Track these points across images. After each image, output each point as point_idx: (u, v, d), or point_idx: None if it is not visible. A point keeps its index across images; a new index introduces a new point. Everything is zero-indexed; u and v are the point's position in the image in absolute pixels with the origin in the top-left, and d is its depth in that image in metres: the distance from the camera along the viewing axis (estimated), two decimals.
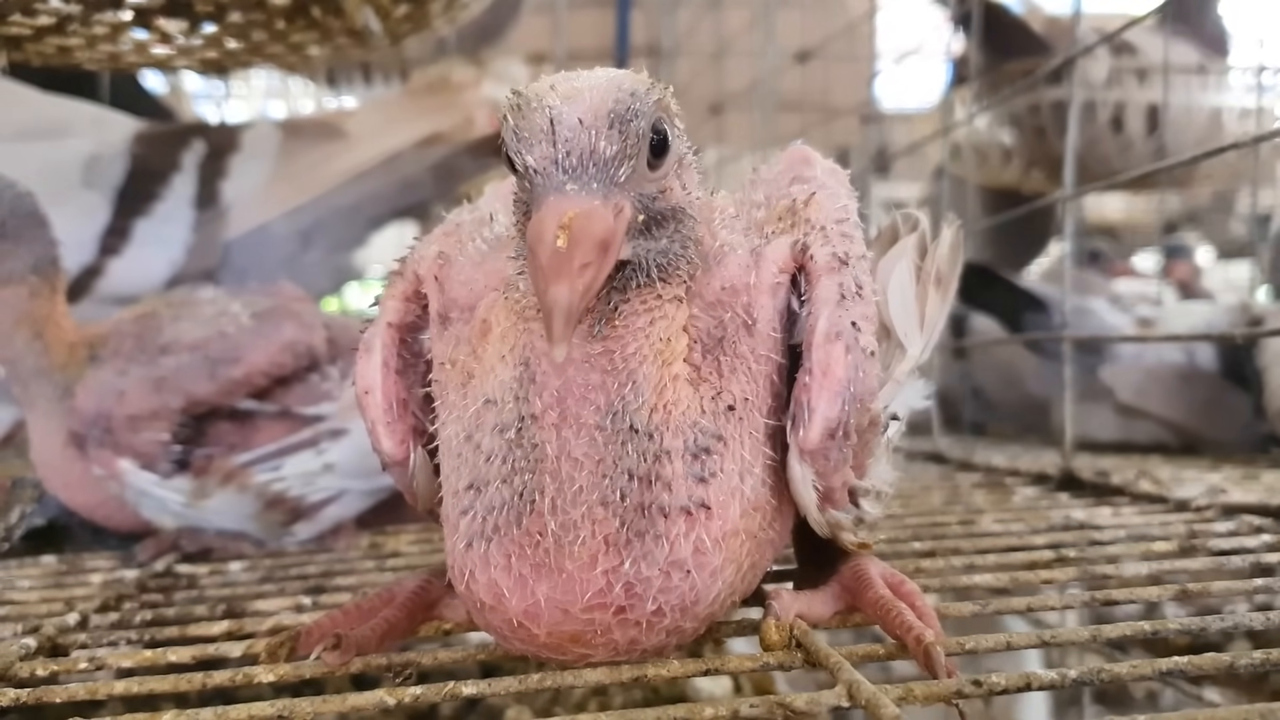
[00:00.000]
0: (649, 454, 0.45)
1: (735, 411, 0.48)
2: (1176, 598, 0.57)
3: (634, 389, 0.45)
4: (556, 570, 0.45)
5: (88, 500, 0.85)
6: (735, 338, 0.49)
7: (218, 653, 0.55)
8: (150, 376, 0.82)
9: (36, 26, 0.89)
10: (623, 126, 0.43)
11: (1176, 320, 1.46)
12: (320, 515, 0.84)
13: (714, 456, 0.46)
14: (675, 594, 0.45)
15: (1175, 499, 0.84)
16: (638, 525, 0.45)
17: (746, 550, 0.48)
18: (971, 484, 1.03)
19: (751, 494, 0.47)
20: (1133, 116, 1.70)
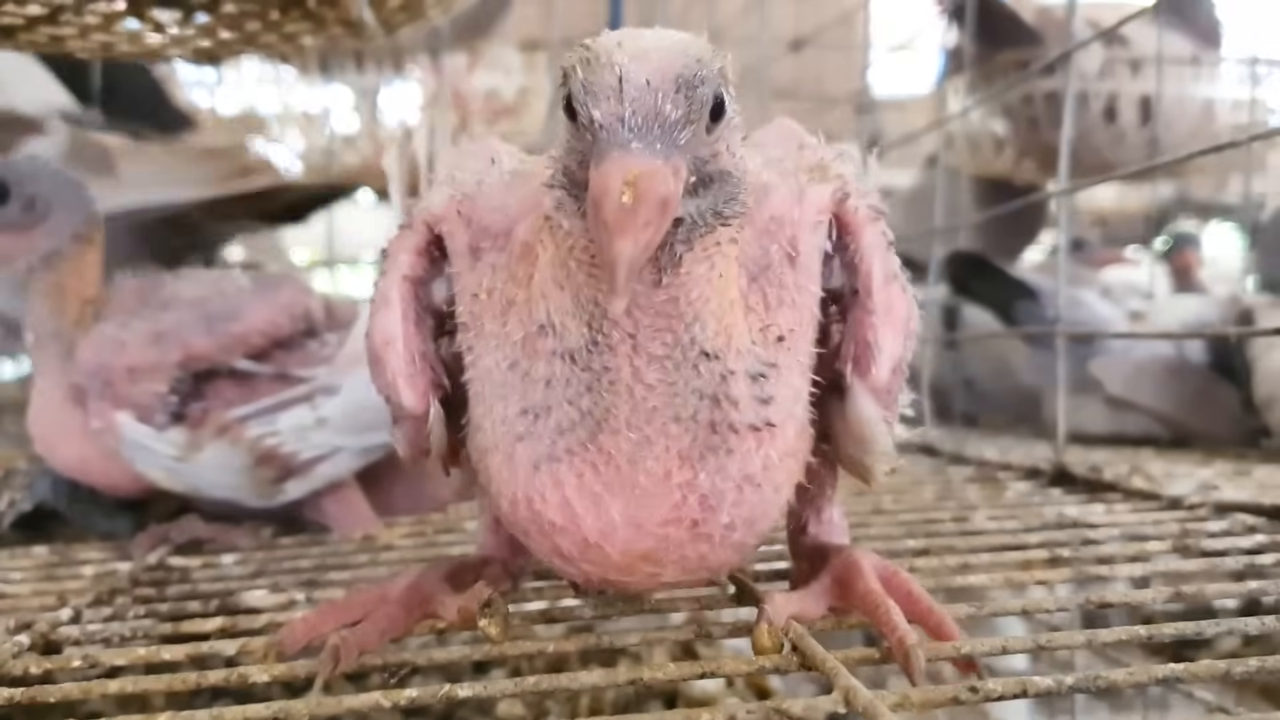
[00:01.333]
0: (718, 374, 0.47)
1: (784, 342, 0.50)
2: (1171, 600, 0.57)
3: (701, 326, 0.47)
4: (631, 487, 0.47)
5: (82, 456, 0.86)
6: (781, 268, 0.51)
7: (211, 650, 0.55)
8: (150, 330, 0.83)
9: (29, 16, 0.88)
10: (689, 91, 0.43)
11: (1167, 313, 1.46)
12: (312, 473, 0.84)
13: (770, 381, 0.48)
14: (745, 507, 0.48)
15: (1168, 496, 0.84)
16: (710, 441, 0.47)
17: (799, 471, 0.50)
18: (964, 478, 1.03)
19: (800, 419, 0.50)
20: (1125, 107, 1.70)
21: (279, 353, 0.86)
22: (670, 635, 0.56)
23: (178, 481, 0.84)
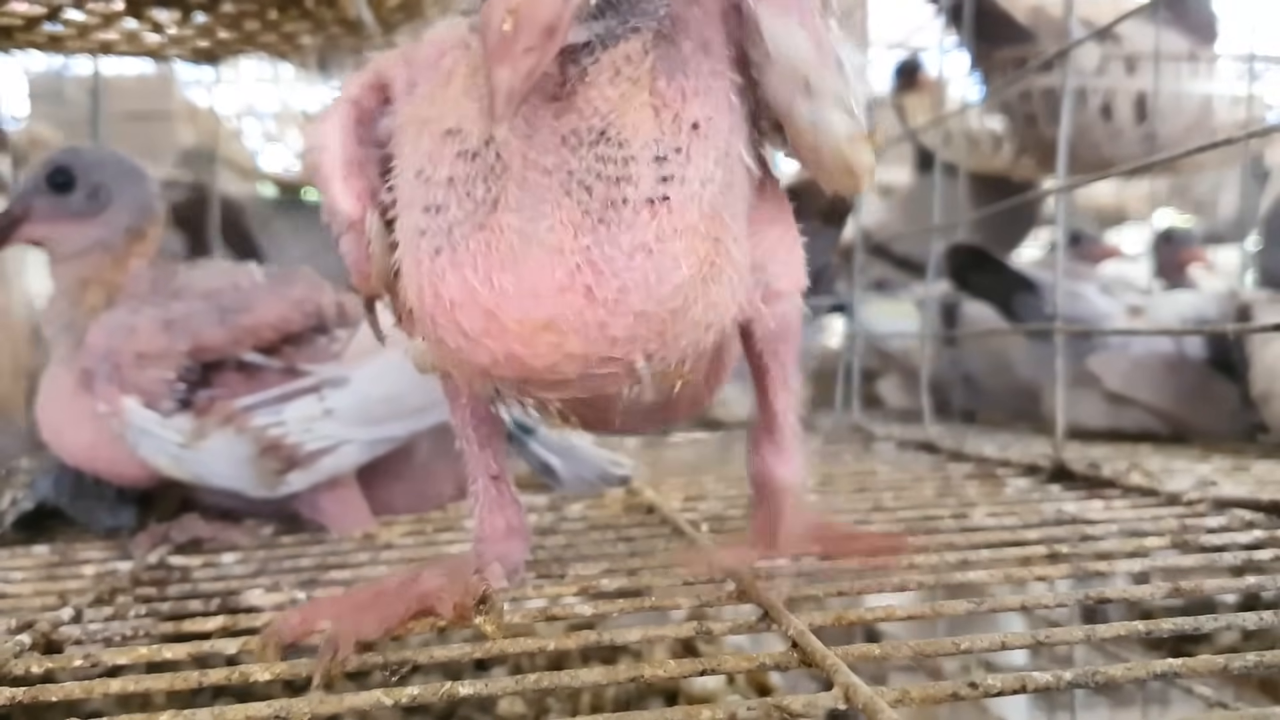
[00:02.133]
0: (616, 159, 0.48)
1: (699, 129, 0.50)
2: (1169, 596, 0.57)
3: (600, 116, 0.48)
4: (525, 258, 0.47)
5: (86, 441, 0.86)
6: (695, 60, 0.51)
7: (213, 649, 0.55)
8: (161, 317, 0.84)
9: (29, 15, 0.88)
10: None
11: (1165, 309, 1.46)
12: (316, 465, 0.84)
13: (673, 163, 0.49)
14: (638, 272, 0.47)
15: (1166, 492, 0.84)
16: (603, 214, 0.48)
17: (708, 252, 0.49)
18: (963, 475, 1.03)
19: (710, 202, 0.49)
20: (1122, 104, 1.70)
21: (289, 348, 0.86)
22: (670, 633, 0.56)
23: (181, 469, 0.84)
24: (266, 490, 0.85)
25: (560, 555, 0.73)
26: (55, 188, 0.89)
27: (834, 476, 1.03)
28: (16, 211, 0.89)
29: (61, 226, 0.90)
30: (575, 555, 0.73)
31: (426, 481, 0.94)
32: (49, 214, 0.89)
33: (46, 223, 0.90)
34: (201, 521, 0.84)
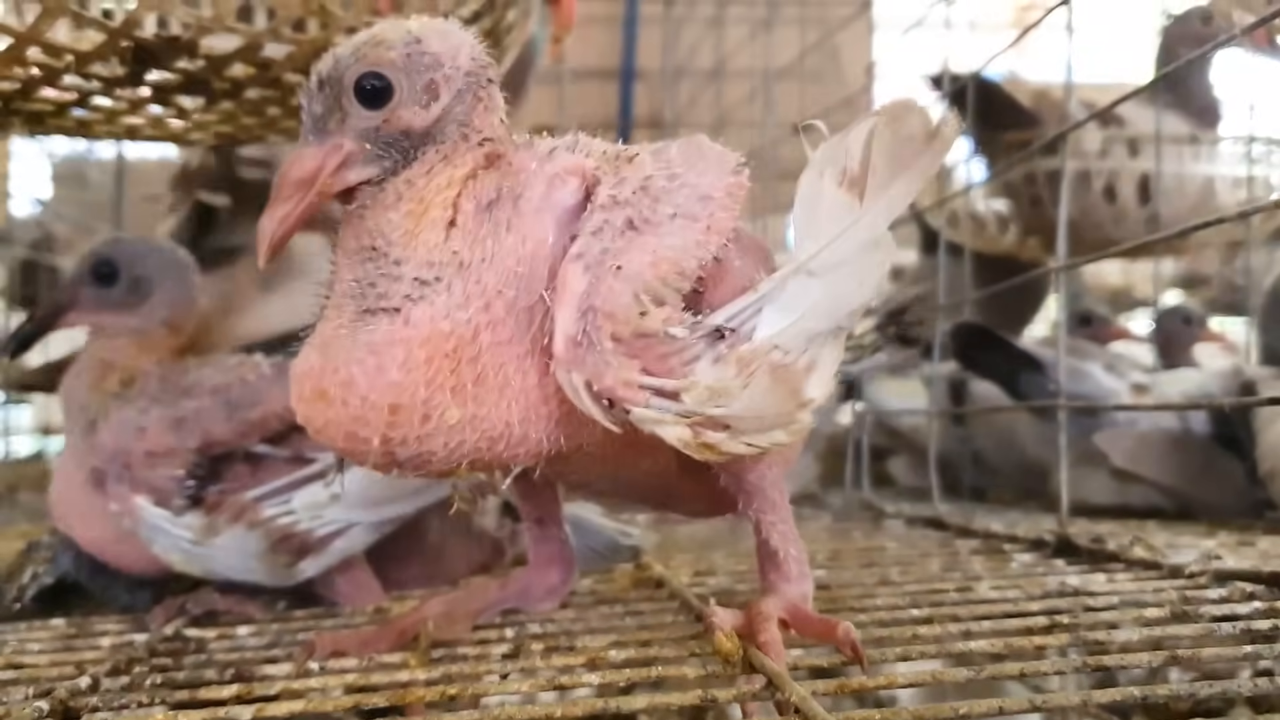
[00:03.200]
0: (386, 273, 0.58)
1: (461, 261, 0.58)
2: (1168, 664, 0.58)
3: (382, 237, 0.59)
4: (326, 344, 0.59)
5: (100, 536, 0.88)
6: (503, 205, 0.59)
7: (228, 715, 0.56)
8: (171, 416, 0.86)
9: (59, 101, 0.92)
10: (330, 88, 0.59)
11: (1170, 386, 1.47)
12: (328, 549, 0.85)
13: (430, 287, 0.57)
14: (359, 369, 0.56)
15: (1169, 565, 0.85)
16: (359, 317, 0.58)
17: (448, 369, 0.56)
18: (970, 550, 1.04)
19: (468, 330, 0.57)
20: (1125, 186, 1.72)
21: (295, 435, 0.86)
22: (676, 700, 0.57)
23: (195, 564, 0.85)
24: (280, 581, 0.86)
25: (569, 629, 0.74)
26: (99, 279, 0.93)
27: (842, 552, 1.04)
28: (63, 300, 0.94)
29: (103, 316, 0.93)
30: (584, 628, 0.74)
31: (439, 560, 0.95)
32: (92, 303, 0.93)
33: (89, 312, 0.93)
34: (217, 595, 0.85)
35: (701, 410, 0.56)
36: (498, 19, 0.98)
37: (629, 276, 0.56)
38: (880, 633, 0.67)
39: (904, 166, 0.61)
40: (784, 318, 0.59)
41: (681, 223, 0.59)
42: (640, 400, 0.56)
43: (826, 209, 0.60)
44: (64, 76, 0.86)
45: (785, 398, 0.58)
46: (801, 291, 0.59)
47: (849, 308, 0.61)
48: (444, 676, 0.62)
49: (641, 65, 2.36)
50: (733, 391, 0.56)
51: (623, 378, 0.56)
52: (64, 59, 0.83)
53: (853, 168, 0.61)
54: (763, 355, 0.57)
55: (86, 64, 0.84)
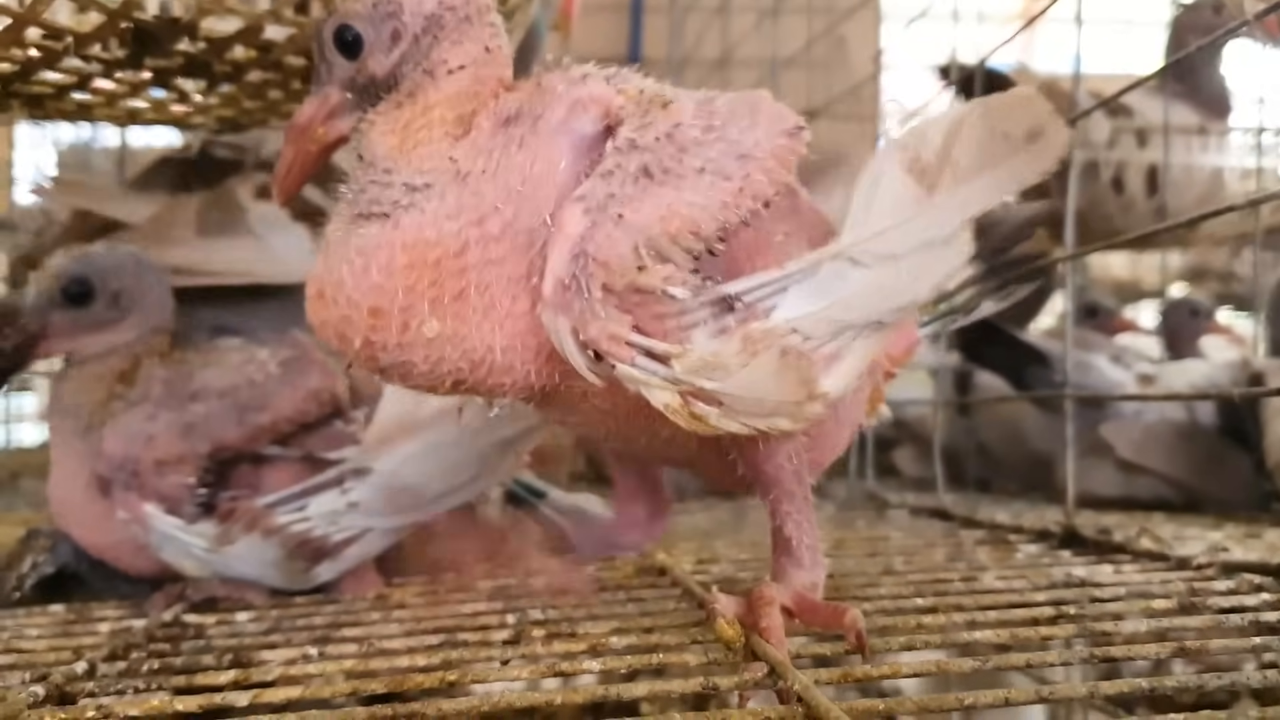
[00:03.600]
0: (376, 180, 0.59)
1: (459, 170, 0.58)
2: (1175, 655, 0.58)
3: (373, 152, 0.60)
4: (330, 250, 0.59)
5: (104, 541, 0.86)
6: (521, 122, 0.59)
7: (224, 701, 0.56)
8: (179, 422, 0.83)
9: (59, 84, 0.91)
10: (319, 42, 0.64)
11: (1177, 377, 1.46)
12: (343, 555, 0.84)
13: (419, 194, 0.58)
14: (346, 271, 0.57)
15: (1176, 557, 0.84)
16: (356, 223, 0.59)
17: (429, 278, 0.56)
18: (975, 541, 1.03)
19: (455, 242, 0.56)
20: (1133, 177, 1.71)
21: (306, 436, 0.85)
22: (678, 688, 0.56)
23: (207, 570, 0.84)
24: (294, 585, 0.85)
25: (571, 615, 0.74)
26: (72, 300, 0.86)
27: (846, 541, 1.04)
28: (33, 328, 0.86)
29: (81, 338, 0.87)
30: (586, 615, 0.74)
31: (443, 547, 0.95)
32: (68, 328, 0.87)
33: (65, 337, 0.87)
34: (216, 581, 0.85)
35: (691, 380, 0.55)
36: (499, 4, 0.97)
37: (631, 226, 0.55)
38: (884, 622, 0.66)
39: (993, 163, 0.58)
40: (811, 302, 0.57)
41: (710, 179, 0.57)
42: (626, 356, 0.55)
43: (886, 196, 0.58)
44: (63, 59, 0.85)
45: (792, 385, 0.56)
46: (838, 278, 0.57)
47: (894, 304, 0.58)
48: (444, 663, 0.62)
49: (647, 54, 2.35)
50: (730, 367, 0.54)
51: (610, 330, 0.55)
52: (63, 40, 0.82)
53: (927, 155, 0.58)
54: (775, 336, 0.55)
55: (86, 46, 0.83)
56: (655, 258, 0.55)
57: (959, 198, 0.57)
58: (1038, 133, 0.58)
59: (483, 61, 0.63)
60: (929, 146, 0.58)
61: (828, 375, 0.57)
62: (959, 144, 0.58)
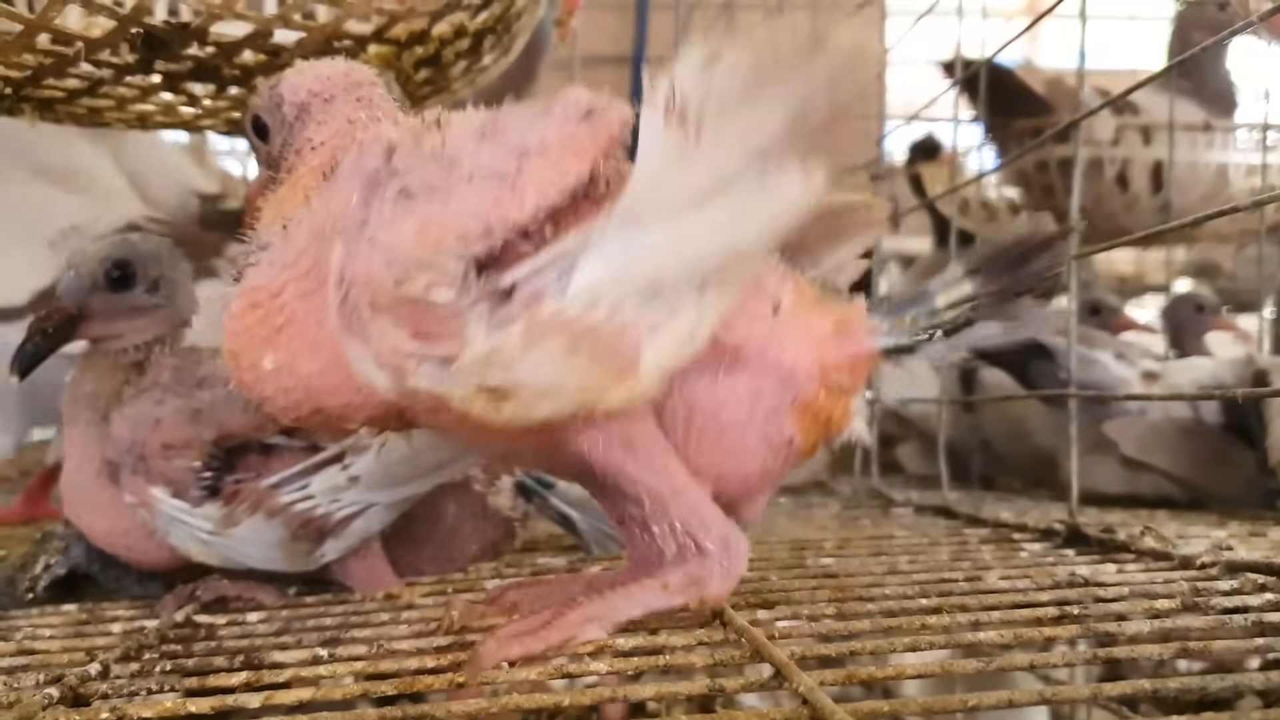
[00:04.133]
0: (249, 248, 0.64)
1: (286, 230, 0.63)
2: (1178, 655, 0.58)
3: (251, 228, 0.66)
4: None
5: (112, 528, 0.87)
6: (334, 174, 0.63)
7: (236, 703, 0.57)
8: (187, 408, 0.84)
9: (70, 89, 0.92)
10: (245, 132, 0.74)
11: (1181, 375, 1.46)
12: (347, 531, 0.85)
13: (262, 251, 0.63)
14: (223, 324, 0.62)
15: (1180, 556, 0.85)
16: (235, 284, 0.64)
17: (271, 328, 0.61)
18: (979, 539, 1.04)
19: (275, 284, 0.61)
20: (1138, 174, 1.72)
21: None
22: (684, 690, 0.57)
23: (213, 554, 0.85)
24: (301, 567, 0.86)
25: None
26: (114, 283, 0.88)
27: (851, 541, 1.04)
28: (72, 310, 0.87)
29: (120, 323, 0.89)
30: None
31: (452, 544, 0.95)
32: (107, 312, 0.88)
33: (104, 320, 0.88)
34: (227, 581, 0.85)
35: (476, 377, 0.54)
36: (507, 4, 0.98)
37: (384, 246, 0.55)
38: (889, 622, 0.67)
39: (759, 88, 0.53)
40: (604, 270, 0.54)
41: (479, 184, 0.56)
42: (410, 368, 0.55)
43: (649, 150, 0.55)
44: (74, 64, 0.86)
45: (588, 365, 0.53)
46: (624, 243, 0.54)
47: (710, 259, 0.54)
48: (451, 664, 0.62)
49: (653, 51, 2.35)
50: (511, 357, 0.53)
51: (389, 344, 0.55)
52: (74, 46, 0.83)
53: (683, 99, 0.54)
54: (567, 316, 0.53)
55: (96, 51, 0.84)
56: (418, 269, 0.54)
57: (731, 131, 0.53)
58: (810, 44, 0.53)
59: (344, 132, 0.68)
60: (684, 89, 0.54)
61: (650, 344, 0.54)
62: (718, 76, 0.54)
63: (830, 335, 0.64)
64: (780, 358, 0.63)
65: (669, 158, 0.54)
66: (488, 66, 1.08)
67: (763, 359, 0.62)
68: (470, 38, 0.98)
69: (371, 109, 0.70)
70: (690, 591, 0.63)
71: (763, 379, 0.63)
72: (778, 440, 0.64)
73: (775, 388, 0.63)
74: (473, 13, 0.94)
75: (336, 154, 0.67)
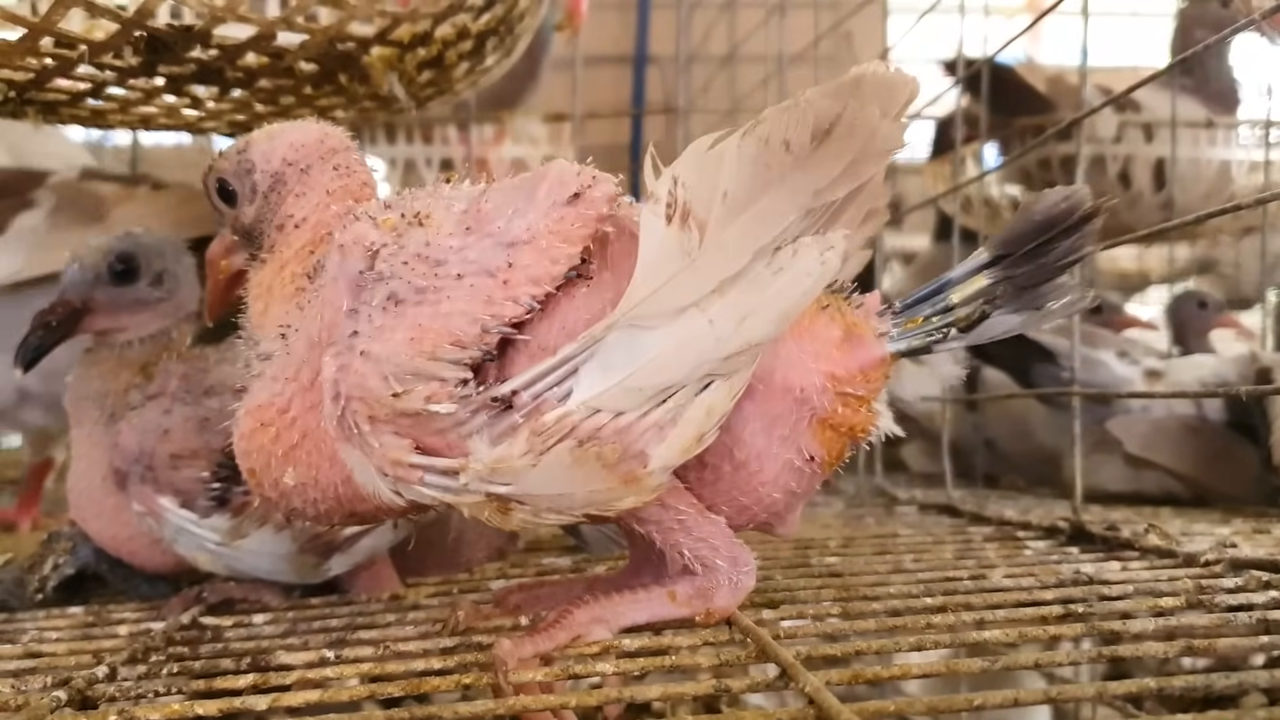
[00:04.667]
0: (248, 352, 0.65)
1: (286, 339, 0.62)
2: (1183, 654, 0.58)
3: (249, 320, 0.67)
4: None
5: (118, 535, 0.88)
6: (320, 275, 0.62)
7: (243, 705, 0.57)
8: (195, 416, 0.84)
9: (73, 91, 0.92)
10: (206, 192, 0.72)
11: (1184, 372, 1.46)
12: (355, 547, 0.85)
13: (266, 361, 0.63)
14: (236, 442, 0.63)
15: (1184, 553, 0.85)
16: (244, 393, 0.64)
17: (287, 444, 0.60)
18: (983, 537, 1.04)
19: (282, 399, 0.61)
20: (1140, 171, 1.72)
21: None
22: (691, 690, 0.57)
23: (220, 564, 0.85)
24: (306, 580, 0.86)
25: None
26: (117, 276, 0.88)
27: (856, 540, 1.04)
28: (76, 303, 0.88)
29: (123, 317, 0.89)
30: None
31: (459, 548, 0.95)
32: (111, 305, 0.89)
33: (108, 314, 0.89)
34: (233, 583, 0.85)
35: (483, 489, 0.54)
36: (510, 6, 0.98)
37: (378, 358, 0.55)
38: (894, 621, 0.67)
39: (773, 180, 0.53)
40: (606, 378, 0.53)
41: (469, 283, 0.55)
42: (413, 479, 0.56)
43: (652, 252, 0.54)
44: (78, 66, 0.86)
45: (595, 473, 0.54)
46: (628, 347, 0.53)
47: (721, 354, 0.54)
48: (459, 665, 0.62)
49: (654, 51, 2.35)
50: (518, 469, 0.53)
51: (391, 457, 0.55)
52: (77, 49, 0.83)
53: (683, 197, 0.54)
54: (571, 423, 0.53)
55: (100, 54, 0.84)
56: (415, 379, 0.54)
57: (736, 230, 0.53)
58: (823, 131, 0.53)
59: (324, 207, 0.67)
60: (685, 187, 0.54)
61: (659, 445, 0.54)
62: (724, 173, 0.53)
63: (839, 344, 0.62)
64: (789, 379, 0.61)
65: (672, 259, 0.53)
66: (490, 68, 1.08)
67: (770, 384, 0.60)
68: (473, 39, 0.98)
69: (349, 177, 0.69)
70: (696, 604, 0.63)
71: (775, 404, 0.61)
72: (799, 462, 0.62)
73: (788, 411, 0.61)
74: (475, 14, 0.94)
75: (320, 233, 0.66)
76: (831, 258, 0.54)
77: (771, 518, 0.65)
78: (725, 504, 0.62)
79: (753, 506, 0.63)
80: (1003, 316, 0.64)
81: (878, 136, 0.53)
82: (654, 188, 0.55)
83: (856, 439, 0.64)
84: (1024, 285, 0.64)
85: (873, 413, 0.64)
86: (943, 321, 0.64)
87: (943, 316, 0.64)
